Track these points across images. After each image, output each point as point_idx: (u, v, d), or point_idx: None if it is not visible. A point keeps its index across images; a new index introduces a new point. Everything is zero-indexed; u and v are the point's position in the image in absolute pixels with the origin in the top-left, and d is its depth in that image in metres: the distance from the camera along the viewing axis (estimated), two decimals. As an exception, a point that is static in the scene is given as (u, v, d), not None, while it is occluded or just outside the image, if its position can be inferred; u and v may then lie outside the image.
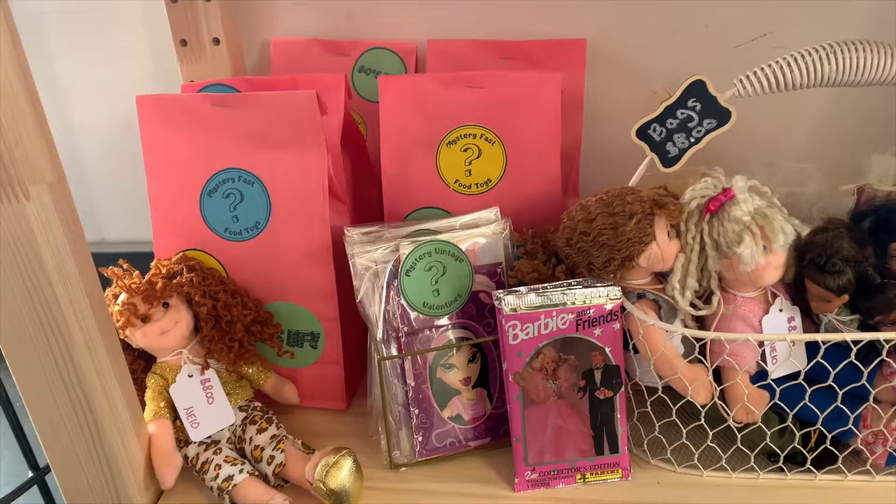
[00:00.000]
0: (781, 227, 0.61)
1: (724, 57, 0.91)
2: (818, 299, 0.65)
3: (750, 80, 0.63)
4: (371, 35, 0.92)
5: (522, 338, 0.65)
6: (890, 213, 0.66)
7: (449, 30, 0.90)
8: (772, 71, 0.63)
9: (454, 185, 0.76)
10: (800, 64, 0.62)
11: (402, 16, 0.92)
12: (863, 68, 0.61)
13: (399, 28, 0.92)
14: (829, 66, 0.61)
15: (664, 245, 0.64)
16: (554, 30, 0.87)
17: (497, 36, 0.87)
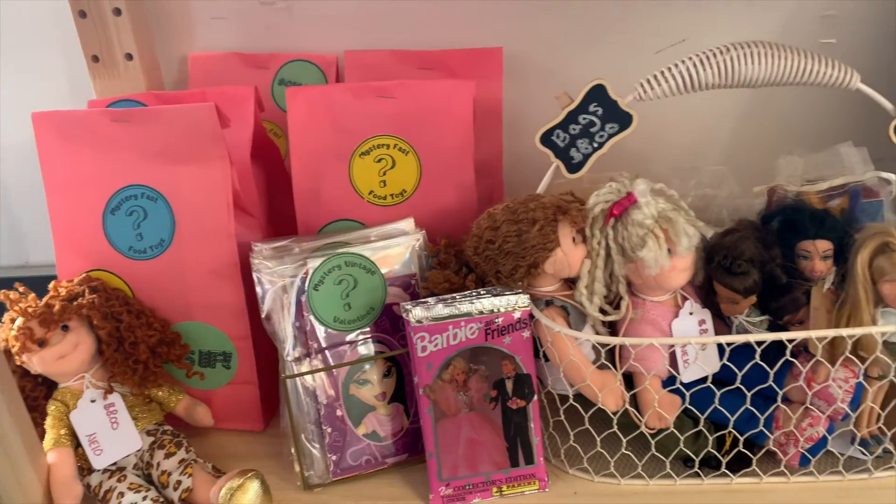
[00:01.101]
0: (684, 230, 0.61)
1: (644, 63, 0.90)
2: (726, 301, 0.65)
3: (650, 84, 0.63)
4: (291, 47, 0.91)
5: (431, 349, 0.63)
6: (796, 213, 0.66)
7: (368, 40, 0.89)
8: (671, 74, 0.63)
9: (369, 197, 0.75)
10: (698, 67, 0.62)
11: (322, 27, 0.91)
12: (756, 70, 0.61)
13: (318, 40, 0.91)
14: (726, 69, 0.62)
15: (569, 251, 0.63)
16: (473, 39, 0.87)
17: (415, 46, 0.87)
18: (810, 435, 0.62)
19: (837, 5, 0.89)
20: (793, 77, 0.62)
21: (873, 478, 0.65)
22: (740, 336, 0.60)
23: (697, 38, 0.92)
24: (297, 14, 0.91)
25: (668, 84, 0.63)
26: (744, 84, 0.62)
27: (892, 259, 0.61)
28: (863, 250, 0.63)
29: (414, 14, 0.88)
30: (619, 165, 0.87)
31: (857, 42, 0.90)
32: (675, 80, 0.63)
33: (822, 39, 0.91)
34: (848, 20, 0.89)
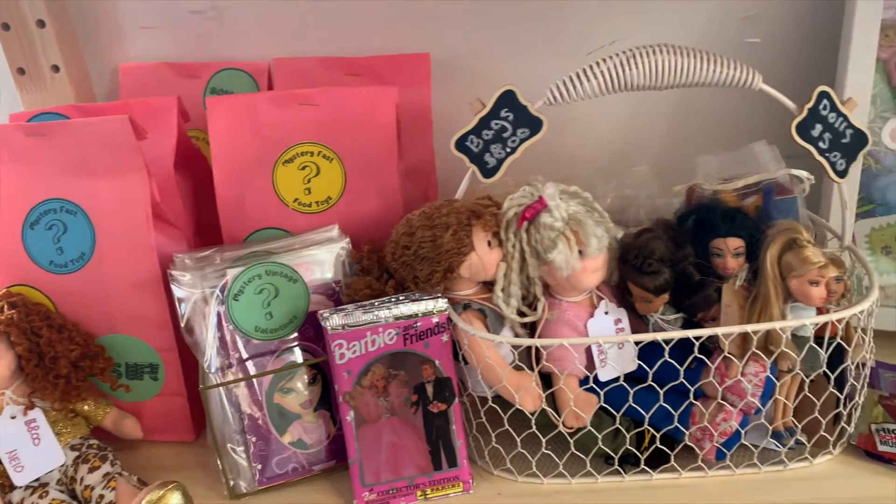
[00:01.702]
0: (594, 232, 0.62)
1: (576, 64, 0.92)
2: (640, 300, 0.66)
3: (559, 89, 0.64)
4: (222, 56, 0.91)
5: (349, 356, 0.64)
6: (708, 211, 0.68)
7: (298, 47, 0.89)
8: (576, 80, 0.64)
9: (293, 205, 0.75)
10: (602, 72, 0.63)
11: (252, 35, 0.91)
12: (659, 73, 0.62)
13: (249, 48, 0.91)
14: (629, 73, 0.63)
15: (484, 254, 0.64)
16: (402, 45, 0.87)
17: (345, 52, 0.87)
18: (724, 429, 0.64)
19: (758, 6, 0.91)
20: (696, 79, 0.63)
21: (788, 469, 0.66)
22: (647, 335, 0.61)
23: (627, 39, 0.93)
24: (228, 22, 0.91)
25: (576, 88, 0.63)
26: (648, 87, 0.63)
27: (799, 255, 0.63)
28: (772, 247, 0.64)
29: (343, 20, 0.89)
30: (548, 167, 0.88)
31: (778, 41, 0.92)
32: (583, 83, 0.63)
33: (747, 39, 0.93)
34: (769, 20, 0.91)
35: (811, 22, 0.90)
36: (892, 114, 0.81)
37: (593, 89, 0.63)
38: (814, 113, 0.63)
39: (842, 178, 0.65)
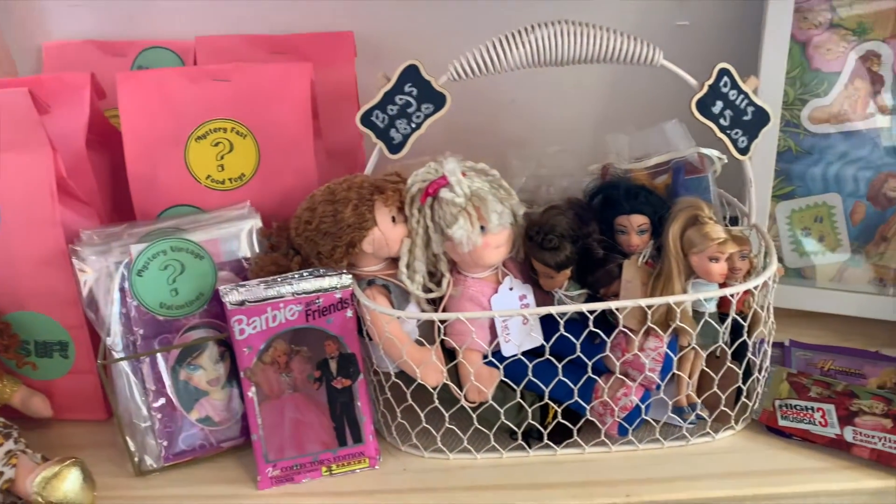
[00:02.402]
0: (494, 208, 0.62)
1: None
2: (543, 276, 0.66)
3: (462, 64, 0.64)
4: (149, 34, 0.90)
5: (249, 332, 0.63)
6: (612, 189, 0.68)
7: (224, 25, 0.88)
8: (480, 54, 0.63)
9: (206, 182, 0.74)
10: (506, 46, 0.63)
11: (178, 13, 0.90)
12: (564, 48, 0.63)
13: (176, 26, 0.90)
14: (534, 48, 0.63)
15: (387, 230, 0.64)
16: (328, 23, 0.87)
17: (271, 30, 0.86)
18: (624, 404, 0.64)
19: (688, -11, 0.91)
20: (599, 55, 0.63)
21: (690, 444, 0.67)
22: (540, 309, 0.62)
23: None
24: (155, 0, 0.90)
25: (478, 63, 0.63)
26: (553, 63, 0.63)
27: (700, 231, 0.63)
28: (674, 224, 0.64)
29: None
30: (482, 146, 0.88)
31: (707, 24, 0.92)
32: (485, 59, 0.63)
33: (677, 22, 0.94)
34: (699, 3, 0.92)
35: (738, 5, 0.90)
36: (812, 96, 0.81)
37: (497, 64, 0.63)
38: (714, 89, 0.63)
39: (744, 154, 0.65)
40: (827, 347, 0.78)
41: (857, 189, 0.82)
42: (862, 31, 0.79)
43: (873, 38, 0.79)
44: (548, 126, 0.98)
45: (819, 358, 0.77)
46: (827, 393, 0.69)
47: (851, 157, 0.81)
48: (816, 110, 0.81)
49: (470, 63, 0.63)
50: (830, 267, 0.84)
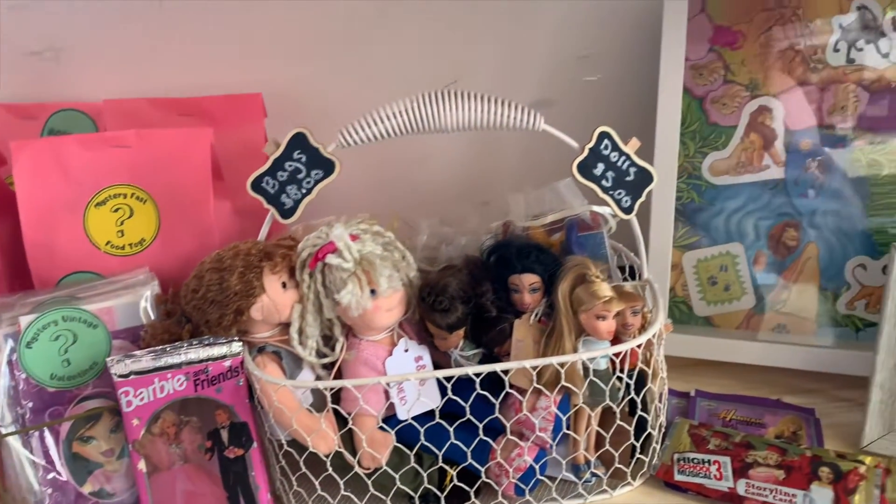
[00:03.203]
0: (382, 272, 0.62)
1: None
2: (437, 336, 0.66)
3: (350, 131, 0.65)
4: (61, 96, 0.90)
5: (137, 404, 0.63)
6: (505, 248, 0.69)
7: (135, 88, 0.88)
8: (369, 122, 0.64)
9: (106, 247, 0.74)
10: (394, 115, 0.64)
11: (89, 75, 0.90)
12: (448, 116, 0.64)
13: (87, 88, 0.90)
14: (420, 116, 0.64)
15: (276, 296, 0.64)
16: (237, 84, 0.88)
17: (180, 93, 0.87)
18: (519, 465, 0.64)
19: (595, 45, 0.94)
20: (483, 122, 0.64)
21: (588, 502, 0.67)
22: (428, 373, 0.62)
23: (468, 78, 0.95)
24: (65, 62, 0.90)
25: (365, 132, 0.64)
26: (437, 130, 0.65)
27: (588, 290, 0.64)
28: (563, 282, 0.65)
29: (178, 60, 0.89)
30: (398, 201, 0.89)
31: (615, 79, 0.95)
32: (373, 127, 0.64)
33: (585, 77, 0.96)
34: (605, 59, 0.95)
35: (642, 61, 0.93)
36: (711, 149, 0.84)
37: (383, 132, 0.64)
38: (595, 152, 0.65)
39: (628, 214, 0.67)
40: (731, 397, 0.79)
41: (757, 238, 0.84)
42: (754, 87, 0.82)
43: (765, 94, 0.82)
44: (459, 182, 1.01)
45: (722, 408, 0.78)
46: (725, 444, 0.70)
47: (751, 207, 0.84)
48: (716, 162, 0.84)
49: (357, 131, 0.64)
50: (737, 315, 0.85)
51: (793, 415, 0.76)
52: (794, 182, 0.82)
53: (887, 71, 0.78)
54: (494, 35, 0.94)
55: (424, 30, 0.93)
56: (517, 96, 0.96)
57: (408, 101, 0.64)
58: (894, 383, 0.69)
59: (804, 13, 0.79)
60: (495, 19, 0.93)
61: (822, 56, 0.79)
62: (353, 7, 0.91)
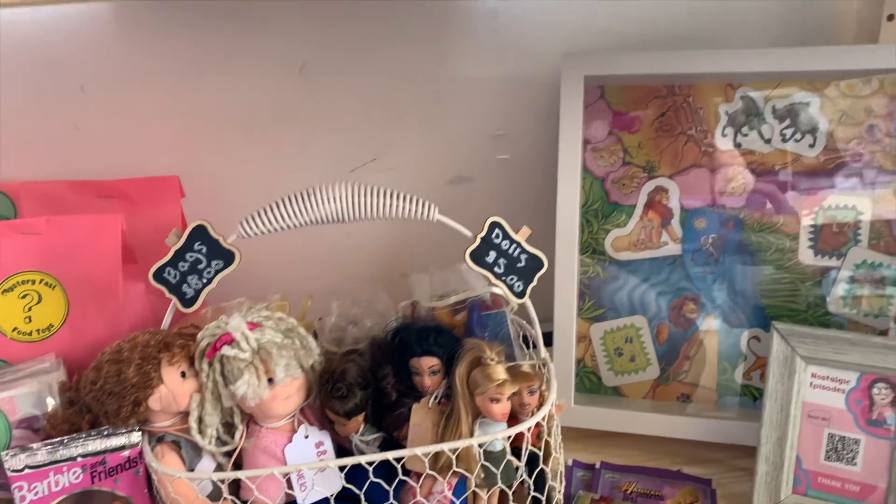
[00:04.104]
0: (278, 361, 0.64)
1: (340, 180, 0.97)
2: (336, 423, 0.68)
3: (249, 224, 0.67)
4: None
5: (31, 498, 0.62)
6: (405, 331, 0.71)
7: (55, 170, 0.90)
8: (265, 215, 0.67)
9: (13, 334, 0.74)
10: (289, 208, 0.66)
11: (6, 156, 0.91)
12: (344, 208, 0.66)
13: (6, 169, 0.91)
14: (316, 208, 0.66)
15: (174, 387, 0.65)
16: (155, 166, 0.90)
17: (100, 175, 0.89)
18: (416, 549, 0.65)
19: (507, 126, 0.99)
20: (380, 214, 0.67)
21: (489, 584, 0.68)
22: (320, 462, 0.63)
23: (387, 156, 0.99)
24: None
25: (266, 224, 0.67)
26: (335, 221, 0.67)
27: (482, 372, 0.66)
28: (460, 365, 0.67)
29: (99, 143, 0.91)
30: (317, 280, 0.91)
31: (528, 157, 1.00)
32: (271, 220, 0.67)
33: (498, 156, 1.01)
34: (518, 138, 0.99)
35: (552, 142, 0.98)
36: (613, 226, 0.88)
37: (281, 225, 0.67)
38: (486, 241, 0.68)
39: (520, 298, 0.70)
40: (634, 468, 0.82)
41: (659, 311, 0.88)
42: (651, 169, 0.87)
43: (661, 175, 0.86)
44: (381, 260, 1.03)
45: (625, 480, 0.80)
46: (623, 519, 0.72)
47: (652, 281, 0.88)
48: (617, 239, 0.88)
49: (256, 223, 0.67)
50: (643, 385, 0.89)
51: (691, 486, 0.78)
52: (691, 258, 0.86)
53: (770, 155, 0.84)
54: (414, 115, 0.98)
55: (345, 110, 0.96)
56: (436, 173, 1.02)
57: (305, 193, 0.67)
58: (778, 456, 0.72)
59: (694, 101, 0.85)
60: (414, 100, 0.97)
61: (711, 140, 0.85)
62: (275, 88, 0.94)
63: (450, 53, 0.94)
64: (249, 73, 0.93)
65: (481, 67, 0.95)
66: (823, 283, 0.83)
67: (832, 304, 0.83)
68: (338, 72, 0.94)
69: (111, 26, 0.89)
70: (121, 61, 0.90)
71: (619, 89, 0.87)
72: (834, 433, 0.71)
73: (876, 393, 0.70)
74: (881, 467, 0.70)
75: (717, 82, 0.84)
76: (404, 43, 0.93)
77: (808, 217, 0.83)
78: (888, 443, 0.69)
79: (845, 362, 0.70)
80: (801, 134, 0.83)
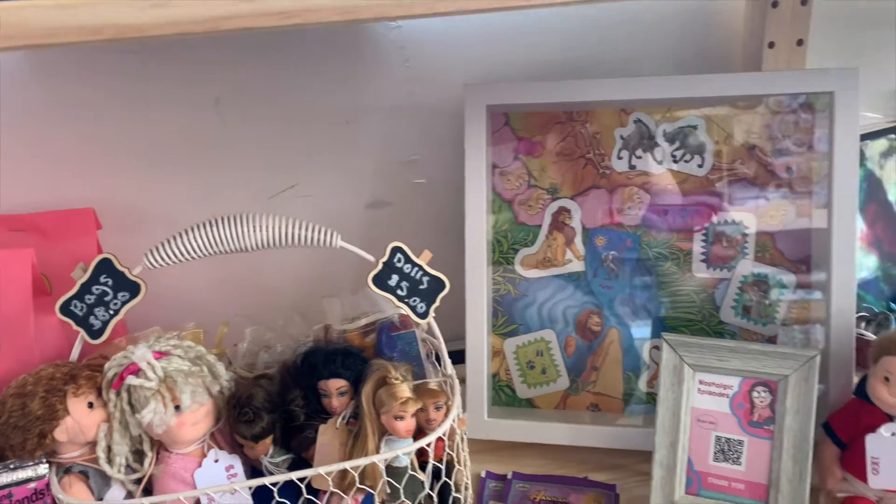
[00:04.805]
0: (184, 389, 0.66)
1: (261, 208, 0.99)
2: (245, 446, 0.70)
3: (154, 255, 0.69)
4: None
5: (-67, 535, 0.63)
6: (314, 354, 0.74)
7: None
8: (169, 246, 0.69)
9: (-80, 372, 0.74)
10: (192, 238, 0.69)
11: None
12: (247, 237, 0.69)
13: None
14: (219, 238, 0.69)
15: (81, 418, 0.66)
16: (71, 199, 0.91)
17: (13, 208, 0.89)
18: (324, 566, 0.67)
19: (420, 151, 1.03)
20: (282, 242, 0.70)
21: None
22: (219, 487, 0.65)
23: (305, 183, 1.02)
24: None
25: (171, 255, 0.69)
26: (238, 250, 0.70)
27: (388, 391, 0.69)
28: (366, 385, 0.70)
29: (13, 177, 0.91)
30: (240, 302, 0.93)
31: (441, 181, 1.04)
32: (176, 251, 0.69)
33: (414, 180, 1.05)
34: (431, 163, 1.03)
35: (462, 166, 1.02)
36: (521, 245, 0.92)
37: (185, 255, 0.69)
38: (389, 265, 0.72)
39: (423, 318, 0.73)
40: (544, 477, 0.85)
41: (566, 325, 0.92)
42: (554, 191, 0.91)
43: (563, 196, 0.91)
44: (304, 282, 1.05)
45: (535, 489, 0.84)
46: (528, 527, 0.76)
47: (559, 297, 0.92)
48: (526, 258, 0.92)
49: (161, 255, 0.69)
50: (554, 396, 0.93)
51: (596, 492, 0.82)
52: (594, 274, 0.91)
53: (662, 176, 0.89)
54: (329, 143, 1.01)
55: (261, 142, 0.99)
56: (354, 199, 1.05)
57: (208, 224, 0.69)
58: (671, 460, 0.77)
59: (591, 126, 0.90)
60: (329, 128, 1.00)
61: (608, 163, 0.90)
62: (191, 121, 0.96)
63: (361, 84, 0.97)
64: (165, 108, 0.94)
65: (392, 97, 0.98)
66: (716, 295, 0.89)
67: (724, 314, 0.89)
68: (252, 105, 0.96)
69: (25, 62, 0.90)
70: (35, 95, 0.91)
71: (522, 116, 0.92)
72: (720, 436, 0.76)
73: (756, 396, 0.75)
74: (763, 465, 0.75)
75: (612, 108, 0.89)
76: (317, 75, 0.96)
77: (700, 233, 0.89)
78: (768, 442, 0.75)
79: (728, 368, 0.76)
80: (690, 155, 0.89)
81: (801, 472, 0.73)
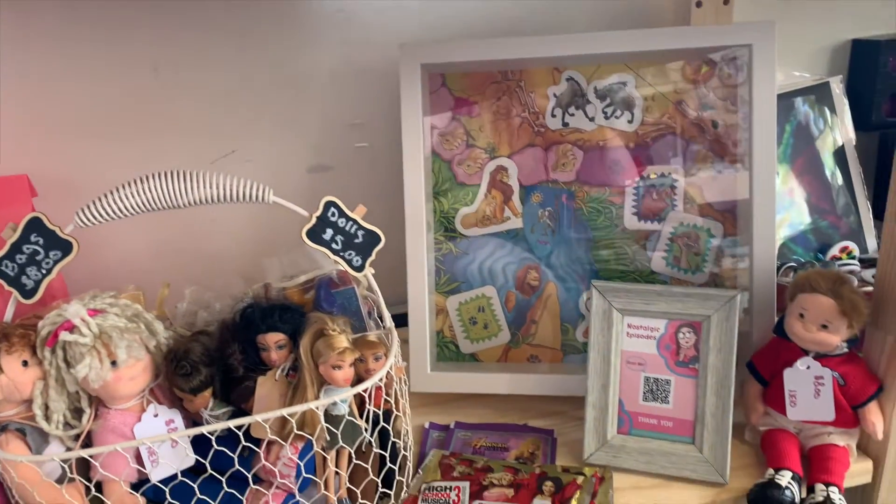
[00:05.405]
0: (119, 343, 0.66)
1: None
2: (184, 399, 0.71)
3: (84, 213, 0.69)
4: None
5: None
6: (252, 310, 0.75)
7: None
8: (104, 203, 0.69)
9: None
10: (127, 194, 0.69)
11: None
12: (181, 194, 0.69)
13: None
14: (153, 195, 0.69)
15: (15, 376, 0.67)
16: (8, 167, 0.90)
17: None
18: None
19: (364, 115, 1.04)
20: (216, 198, 0.71)
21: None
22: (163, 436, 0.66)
23: (244, 149, 1.02)
24: None
25: (100, 212, 0.69)
26: (171, 206, 0.70)
27: (326, 342, 0.71)
28: (304, 338, 0.72)
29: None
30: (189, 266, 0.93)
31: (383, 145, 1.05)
32: (107, 208, 0.69)
33: (356, 144, 1.06)
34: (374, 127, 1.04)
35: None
36: (461, 205, 0.94)
37: (117, 212, 0.69)
38: (323, 220, 0.73)
39: (359, 272, 0.75)
40: (485, 425, 0.88)
41: (506, 281, 0.95)
42: (492, 150, 0.93)
43: (500, 155, 0.93)
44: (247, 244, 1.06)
45: (476, 436, 0.86)
46: (468, 470, 0.78)
47: (498, 254, 0.94)
48: (465, 217, 0.94)
49: (92, 212, 0.69)
50: (496, 350, 0.95)
51: (534, 437, 0.85)
52: (531, 230, 0.94)
53: (594, 133, 0.92)
54: (270, 107, 1.02)
55: (201, 107, 0.99)
56: (295, 163, 1.05)
57: (139, 180, 0.69)
58: (603, 402, 0.80)
59: (525, 85, 0.92)
60: (269, 93, 1.01)
61: (543, 121, 0.92)
62: (131, 89, 0.95)
63: (300, 47, 0.98)
64: (103, 75, 0.94)
65: (331, 60, 0.99)
66: (648, 246, 0.92)
67: (656, 265, 0.92)
68: (192, 70, 0.96)
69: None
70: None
71: (459, 76, 0.93)
72: (649, 376, 0.80)
73: (681, 337, 0.79)
74: (689, 403, 0.79)
75: (545, 66, 0.92)
76: (255, 39, 0.97)
77: (631, 187, 0.92)
78: (693, 381, 0.78)
79: (654, 311, 0.79)
80: (620, 111, 0.91)
81: (724, 407, 0.77)
